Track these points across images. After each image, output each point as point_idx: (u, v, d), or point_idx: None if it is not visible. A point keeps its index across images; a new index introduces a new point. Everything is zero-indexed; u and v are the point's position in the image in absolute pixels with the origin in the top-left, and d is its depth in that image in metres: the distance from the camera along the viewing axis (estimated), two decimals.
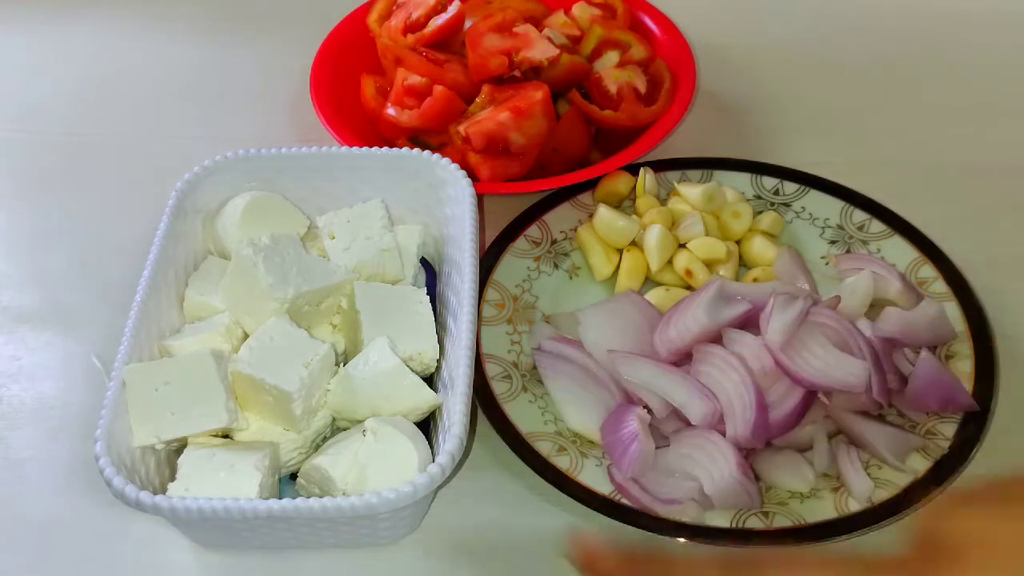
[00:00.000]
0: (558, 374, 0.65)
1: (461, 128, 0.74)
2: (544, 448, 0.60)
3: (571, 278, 0.73)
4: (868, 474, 0.58)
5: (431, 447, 0.57)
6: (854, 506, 0.57)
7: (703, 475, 0.58)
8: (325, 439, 0.60)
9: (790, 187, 0.75)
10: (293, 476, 0.60)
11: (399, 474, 0.54)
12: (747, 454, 0.59)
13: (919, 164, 0.82)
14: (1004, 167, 0.82)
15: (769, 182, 0.76)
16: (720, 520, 0.57)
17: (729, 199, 0.73)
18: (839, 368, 0.59)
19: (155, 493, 0.52)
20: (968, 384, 0.62)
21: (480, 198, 0.71)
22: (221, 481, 0.54)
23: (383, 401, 0.58)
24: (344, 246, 0.66)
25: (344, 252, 0.65)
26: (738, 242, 0.72)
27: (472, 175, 0.69)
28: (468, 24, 0.80)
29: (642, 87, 0.80)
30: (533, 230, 0.73)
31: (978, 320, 0.66)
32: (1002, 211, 0.78)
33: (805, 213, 0.74)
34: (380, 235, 0.66)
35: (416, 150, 0.69)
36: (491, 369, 0.64)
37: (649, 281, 0.71)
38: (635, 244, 0.72)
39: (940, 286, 0.68)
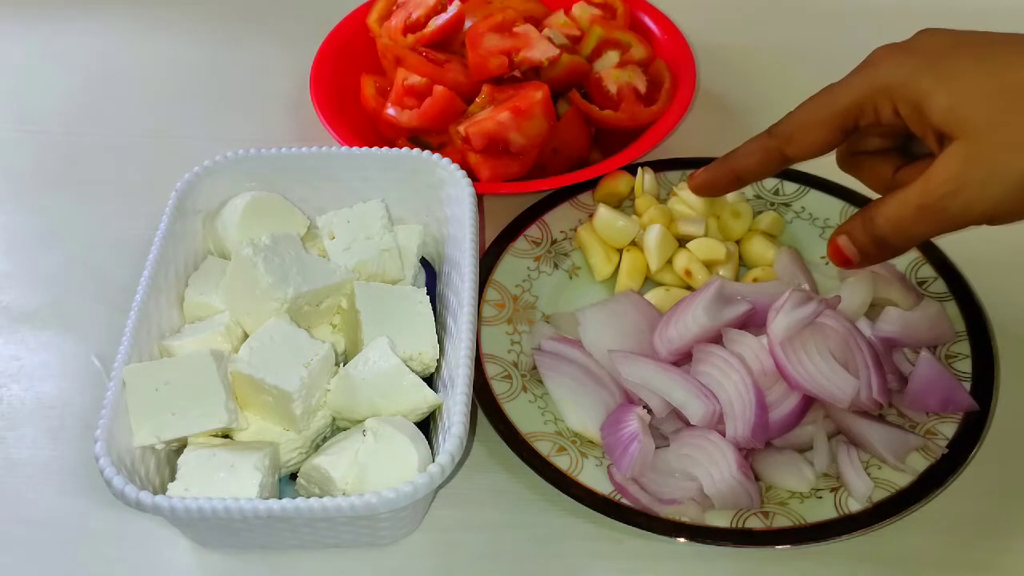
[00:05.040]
0: (558, 374, 0.64)
1: (461, 128, 0.74)
2: (544, 448, 0.60)
3: (571, 278, 0.73)
4: (868, 474, 0.58)
5: (431, 447, 0.57)
6: (854, 506, 0.57)
7: (703, 475, 0.58)
8: (325, 439, 0.60)
9: (790, 187, 0.75)
10: (293, 476, 0.60)
11: (399, 474, 0.54)
12: (747, 454, 0.59)
13: None
14: None
15: (769, 182, 0.76)
16: (720, 520, 0.57)
17: (729, 199, 0.73)
18: (830, 379, 0.59)
19: (155, 493, 0.52)
20: (968, 384, 0.62)
21: (480, 198, 0.71)
22: (221, 481, 0.54)
23: (383, 401, 0.58)
24: (344, 246, 0.66)
25: (344, 252, 0.65)
26: (738, 242, 0.72)
27: (472, 175, 0.69)
28: (468, 24, 0.80)
29: (642, 87, 0.80)
30: (533, 230, 0.73)
31: (978, 320, 0.66)
32: None
33: (805, 213, 0.74)
34: (380, 235, 0.66)
35: (416, 150, 0.69)
36: (491, 369, 0.64)
37: (649, 281, 0.71)
38: (635, 244, 0.72)
39: (940, 286, 0.68)
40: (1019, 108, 0.48)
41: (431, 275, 0.71)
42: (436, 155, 0.68)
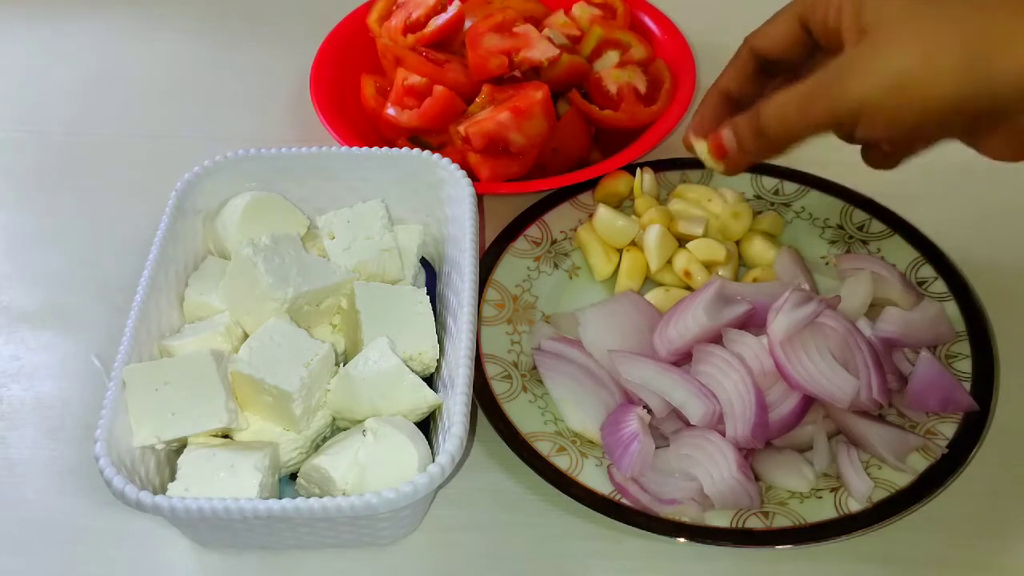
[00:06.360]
0: (558, 374, 0.65)
1: (461, 128, 0.74)
2: (544, 448, 0.60)
3: (571, 278, 0.73)
4: (868, 474, 0.58)
5: (431, 447, 0.57)
6: (854, 506, 0.57)
7: (703, 475, 0.58)
8: (325, 439, 0.60)
9: (790, 187, 0.75)
10: (293, 476, 0.60)
11: (399, 474, 0.54)
12: (747, 454, 0.59)
13: (919, 164, 0.82)
14: (1004, 167, 0.81)
15: (769, 182, 0.76)
16: (720, 520, 0.57)
17: (729, 199, 0.73)
18: (830, 379, 0.59)
19: (155, 493, 0.52)
20: (968, 384, 0.62)
21: (480, 198, 0.71)
22: (221, 481, 0.54)
23: (383, 401, 0.58)
24: (344, 246, 0.66)
25: (344, 252, 0.65)
26: (738, 242, 0.72)
27: (472, 175, 0.69)
28: (468, 24, 0.80)
29: (642, 87, 0.80)
30: (533, 230, 0.73)
31: (978, 320, 0.66)
32: (1002, 211, 0.78)
33: (805, 213, 0.74)
34: (380, 235, 0.66)
35: (416, 150, 0.69)
36: (491, 369, 0.64)
37: (649, 281, 0.71)
38: (635, 244, 0.72)
39: (940, 286, 0.68)
40: (921, 11, 0.49)
41: (431, 275, 0.71)
42: (436, 155, 0.68)
